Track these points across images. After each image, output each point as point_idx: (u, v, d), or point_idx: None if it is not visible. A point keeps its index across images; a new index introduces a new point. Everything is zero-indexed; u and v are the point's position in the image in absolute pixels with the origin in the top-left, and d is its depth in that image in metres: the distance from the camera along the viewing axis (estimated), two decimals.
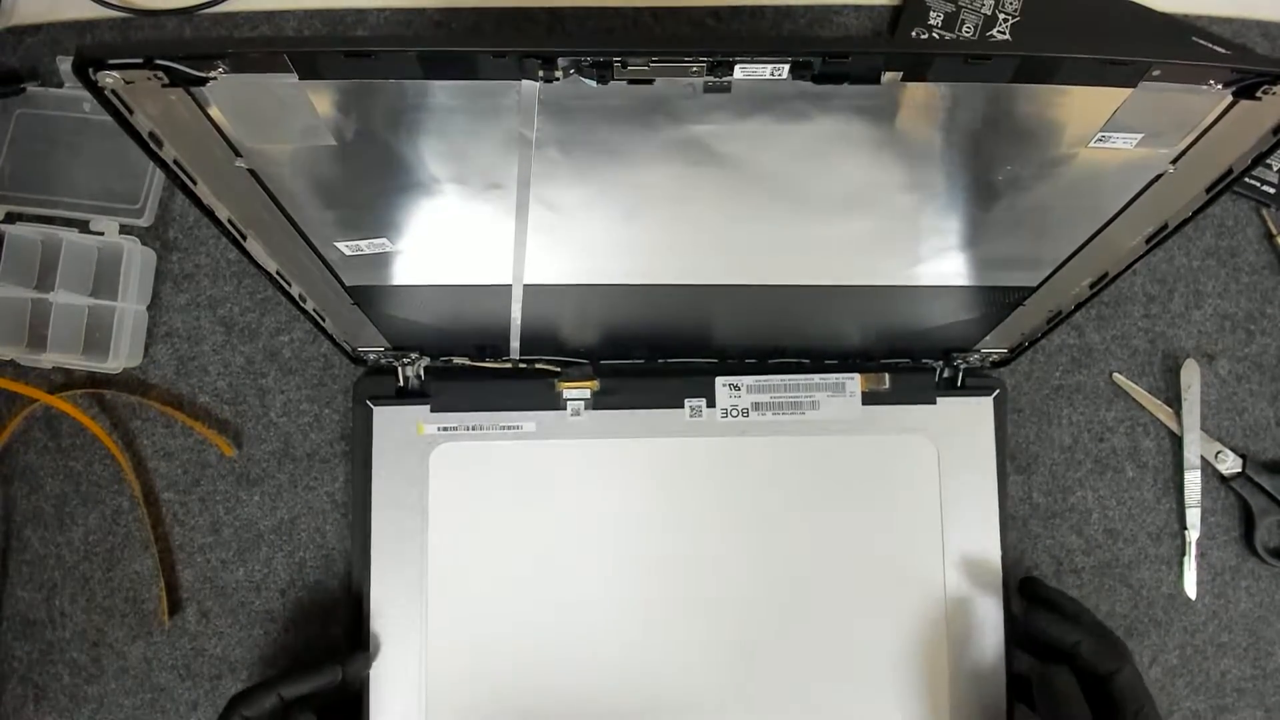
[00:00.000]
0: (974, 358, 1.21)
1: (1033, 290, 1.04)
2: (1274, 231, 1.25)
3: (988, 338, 1.17)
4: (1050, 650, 1.09)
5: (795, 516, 1.20)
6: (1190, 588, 1.23)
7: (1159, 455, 1.25)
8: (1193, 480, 1.24)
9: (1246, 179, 1.24)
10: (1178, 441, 1.24)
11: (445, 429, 1.20)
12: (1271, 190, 1.25)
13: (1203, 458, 1.24)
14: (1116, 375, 1.26)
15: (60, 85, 1.27)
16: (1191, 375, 1.24)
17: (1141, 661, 1.22)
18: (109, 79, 0.65)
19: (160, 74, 0.65)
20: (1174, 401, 1.25)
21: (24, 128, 1.26)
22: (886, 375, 1.21)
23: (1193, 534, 1.23)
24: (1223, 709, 1.23)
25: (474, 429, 1.20)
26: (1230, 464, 1.23)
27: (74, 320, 1.22)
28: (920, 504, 1.20)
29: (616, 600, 1.19)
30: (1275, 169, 1.25)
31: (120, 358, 1.22)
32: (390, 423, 1.20)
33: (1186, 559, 1.23)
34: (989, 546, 1.19)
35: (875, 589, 1.19)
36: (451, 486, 1.19)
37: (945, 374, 1.23)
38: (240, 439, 1.25)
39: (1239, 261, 1.26)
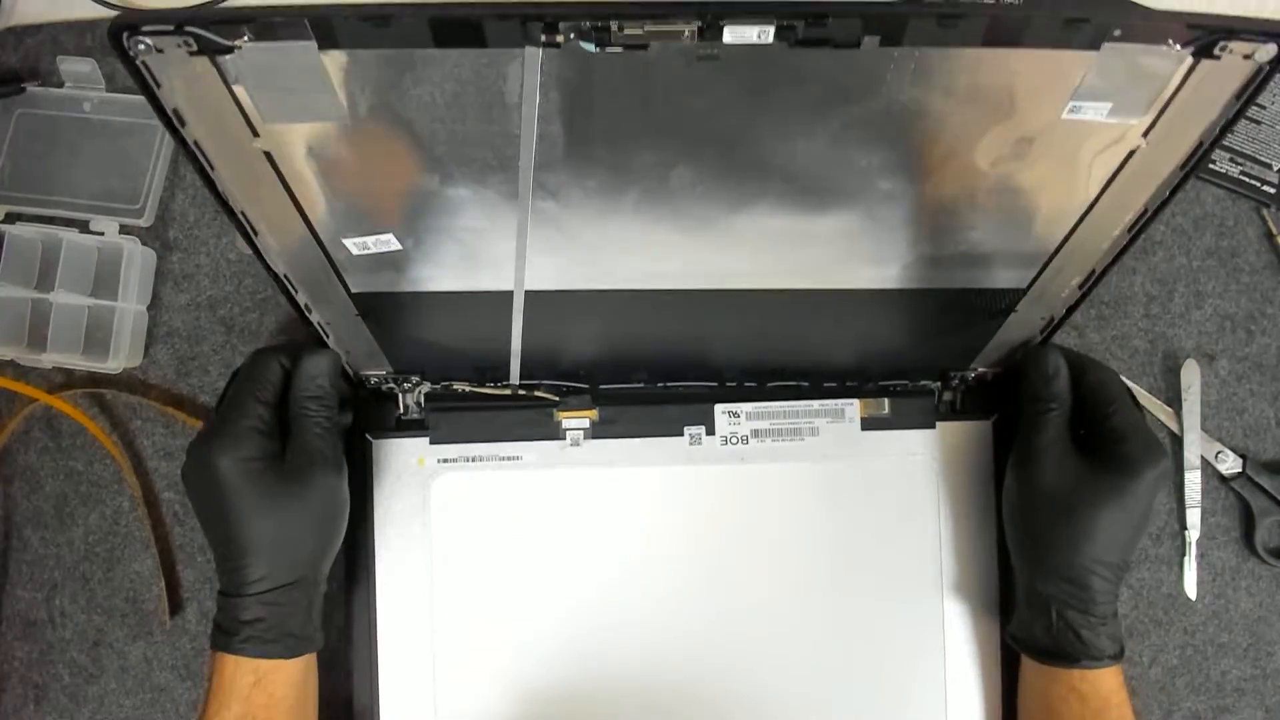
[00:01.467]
0: (971, 377, 1.25)
1: (1023, 293, 1.08)
2: (1274, 231, 1.29)
3: (984, 353, 1.20)
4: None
5: (795, 543, 1.24)
6: (1190, 588, 1.27)
7: None
8: (1193, 480, 1.28)
9: (1246, 178, 1.29)
10: (1178, 441, 1.29)
11: (445, 460, 1.23)
12: (1271, 190, 1.30)
13: (1203, 458, 1.28)
14: None
15: (60, 85, 1.32)
16: (1191, 375, 1.28)
17: (1141, 662, 1.27)
18: (141, 45, 0.72)
19: (189, 40, 0.72)
20: (1174, 401, 1.29)
21: (24, 128, 1.31)
22: (885, 400, 1.25)
23: (1193, 534, 1.27)
24: (1223, 709, 1.27)
25: (474, 460, 1.24)
26: (1230, 464, 1.27)
27: (74, 320, 1.27)
28: (919, 529, 1.24)
29: (619, 626, 1.22)
30: (1275, 169, 1.30)
31: (120, 358, 1.27)
32: (390, 455, 1.24)
33: (1186, 559, 1.27)
34: (986, 572, 1.23)
35: (874, 615, 1.24)
36: (453, 518, 1.23)
37: (944, 395, 1.27)
38: None
39: (1239, 261, 1.31)
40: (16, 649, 1.28)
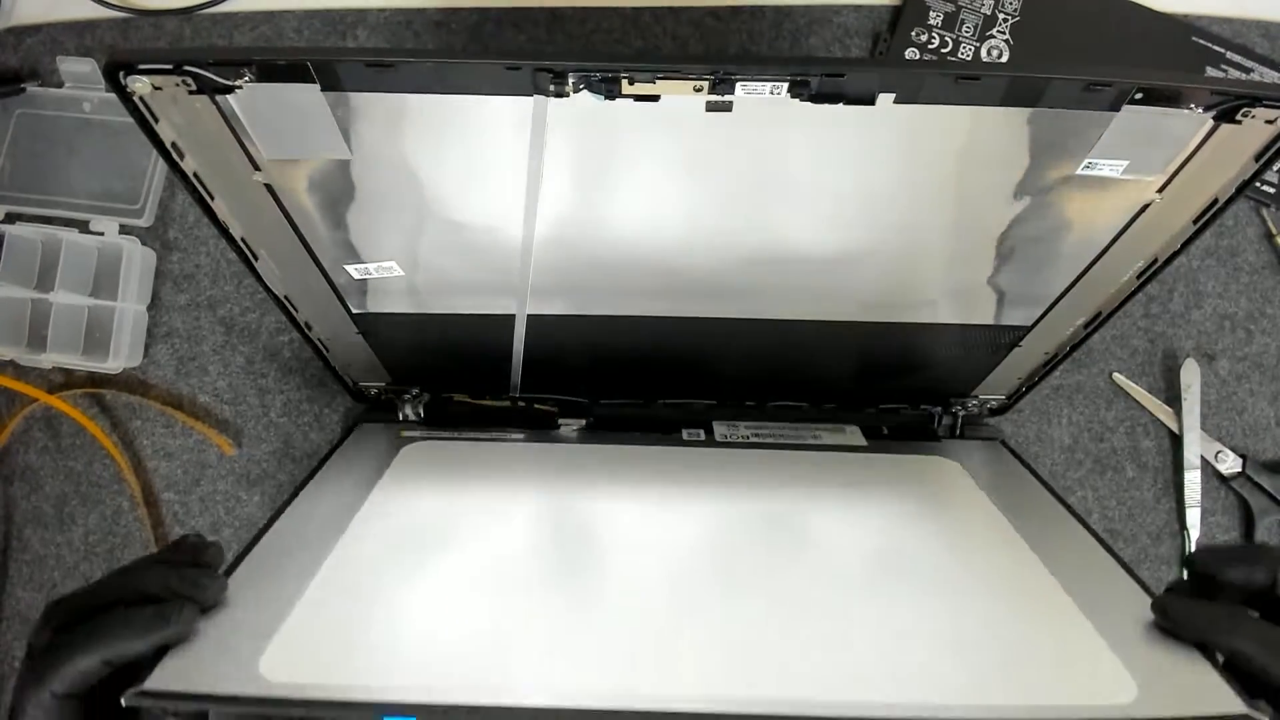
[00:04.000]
0: (972, 404, 1.24)
1: (1028, 330, 1.07)
2: (1274, 231, 1.29)
3: (985, 382, 1.19)
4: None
5: (801, 519, 1.11)
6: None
7: (1159, 455, 1.29)
8: (1193, 480, 1.27)
9: None
10: (1177, 441, 1.28)
11: (428, 435, 1.18)
12: (1271, 190, 1.29)
13: (1202, 457, 1.27)
14: (1116, 375, 1.29)
15: (60, 85, 1.31)
16: (1191, 375, 1.27)
17: None
18: (138, 84, 0.70)
19: (188, 80, 0.70)
20: (1174, 401, 1.28)
21: (24, 128, 1.30)
22: (884, 428, 1.24)
23: (1192, 534, 1.26)
24: None
25: (458, 437, 1.18)
26: (1230, 464, 1.26)
27: (74, 320, 1.26)
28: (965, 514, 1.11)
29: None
30: (1275, 168, 1.27)
31: (120, 358, 1.26)
32: (372, 430, 1.20)
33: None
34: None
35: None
36: (410, 478, 1.09)
37: (944, 420, 1.25)
38: (240, 439, 1.29)
39: (1239, 261, 1.30)
40: (16, 648, 1.27)
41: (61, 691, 0.74)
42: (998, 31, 1.29)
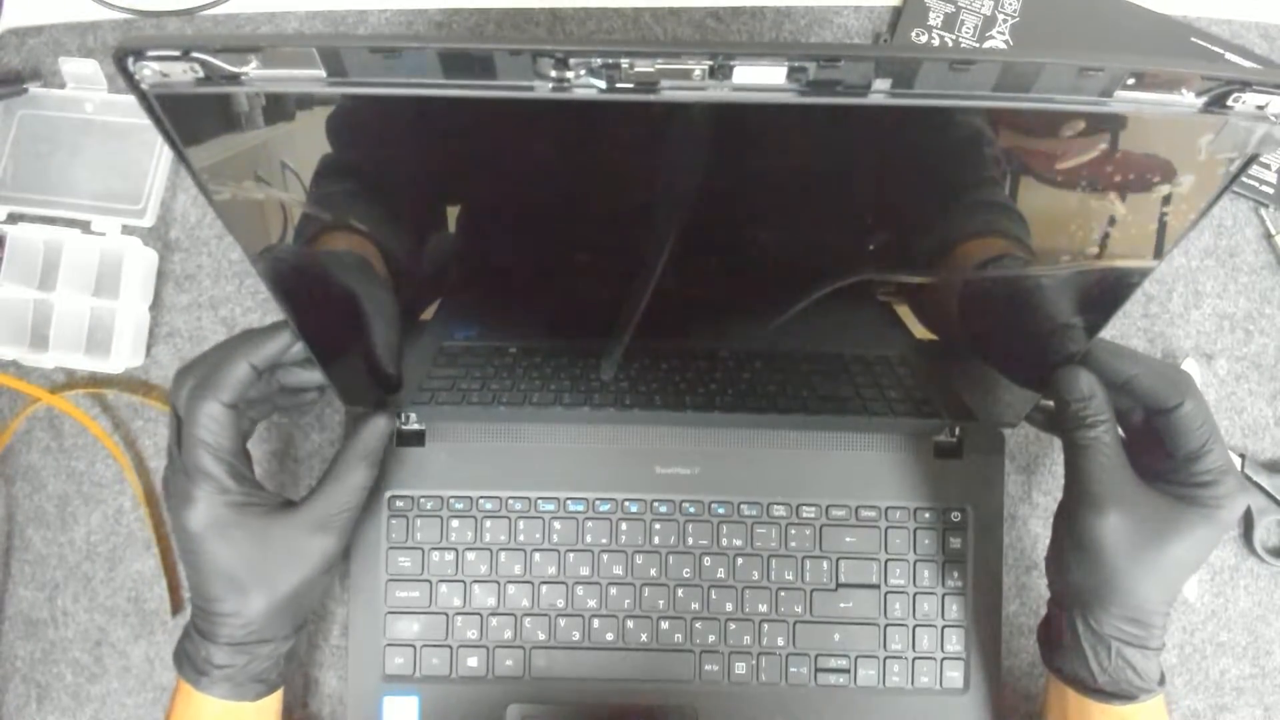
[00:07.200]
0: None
1: None
2: (1272, 231, 1.29)
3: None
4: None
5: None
6: (1189, 587, 1.27)
7: None
8: None
9: (1245, 178, 1.26)
10: None
11: None
12: (1270, 190, 1.30)
13: None
14: None
15: (63, 86, 1.32)
16: (1190, 375, 1.28)
17: None
18: (147, 70, 0.72)
19: (195, 68, 0.72)
20: None
21: (26, 128, 1.31)
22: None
23: None
24: (1222, 708, 1.26)
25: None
26: None
27: (76, 320, 1.27)
28: None
29: None
30: (1274, 168, 1.30)
31: (122, 358, 1.27)
32: None
33: None
34: None
35: None
36: None
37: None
38: None
39: (1238, 261, 1.30)
40: (19, 648, 1.28)
41: (227, 400, 1.00)
42: (997, 32, 1.30)
